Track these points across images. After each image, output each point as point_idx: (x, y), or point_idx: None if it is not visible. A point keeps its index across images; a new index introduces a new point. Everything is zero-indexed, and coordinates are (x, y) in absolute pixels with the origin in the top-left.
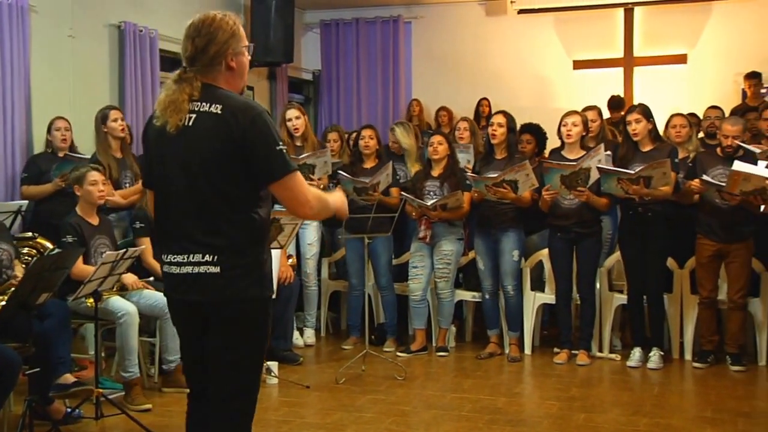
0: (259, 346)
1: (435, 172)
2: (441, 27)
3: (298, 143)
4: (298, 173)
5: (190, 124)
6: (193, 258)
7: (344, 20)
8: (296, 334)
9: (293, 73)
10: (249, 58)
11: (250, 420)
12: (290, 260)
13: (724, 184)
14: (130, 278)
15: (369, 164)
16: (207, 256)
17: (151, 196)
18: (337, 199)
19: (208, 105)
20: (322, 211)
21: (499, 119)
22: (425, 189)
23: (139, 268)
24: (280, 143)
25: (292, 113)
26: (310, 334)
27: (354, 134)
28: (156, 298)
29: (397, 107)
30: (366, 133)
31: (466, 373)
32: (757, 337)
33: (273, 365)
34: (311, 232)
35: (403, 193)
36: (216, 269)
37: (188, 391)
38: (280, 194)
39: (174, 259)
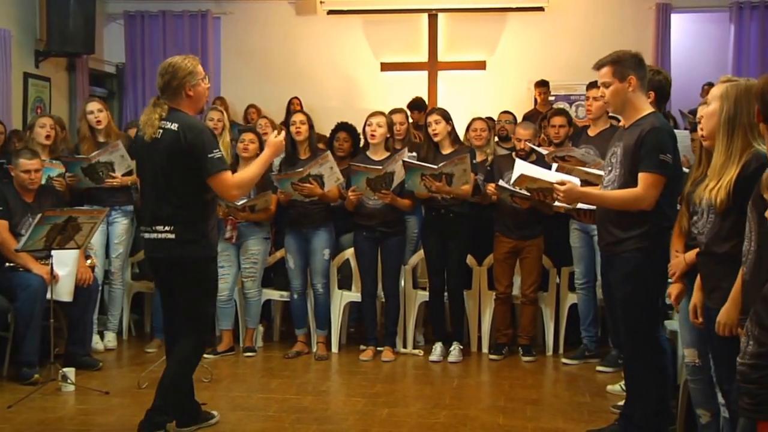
0: (206, 290)
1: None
2: (250, 24)
3: (101, 138)
4: (224, 173)
5: (159, 136)
6: (156, 228)
7: (150, 12)
8: (96, 338)
9: (95, 65)
10: (207, 85)
11: (203, 343)
12: (89, 261)
13: (515, 189)
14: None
15: None
16: (166, 227)
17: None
18: (262, 158)
19: (170, 123)
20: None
21: (300, 117)
22: None
23: None
24: (214, 151)
25: (93, 106)
26: (111, 338)
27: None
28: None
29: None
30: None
31: (273, 372)
32: (545, 329)
33: (70, 372)
34: (119, 230)
35: None
36: (172, 236)
37: None
38: (212, 186)
39: (147, 228)
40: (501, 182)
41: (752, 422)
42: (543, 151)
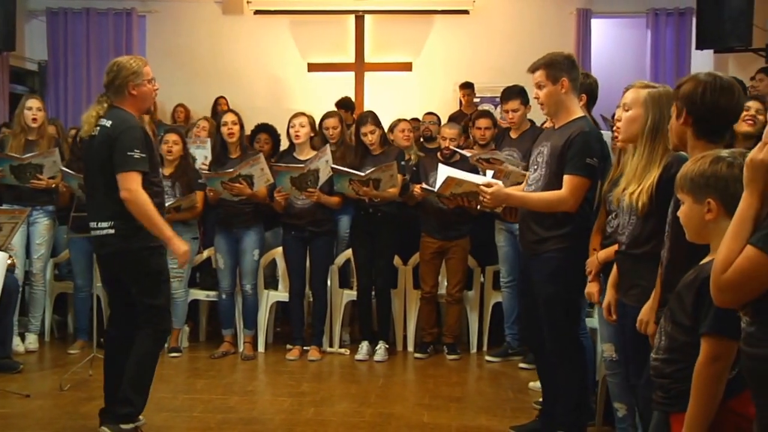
0: (154, 280)
1: (167, 171)
2: (177, 23)
3: (32, 137)
4: (137, 173)
5: (96, 133)
6: (100, 224)
7: (73, 9)
8: (17, 340)
9: (16, 62)
10: (154, 86)
11: (163, 332)
12: (9, 261)
13: (441, 194)
14: None
15: None
16: (106, 223)
17: None
18: (167, 234)
19: (106, 120)
20: (143, 214)
21: (232, 117)
22: None
23: None
24: (135, 151)
25: (33, 103)
26: (32, 340)
27: (72, 131)
28: None
29: None
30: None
31: (199, 373)
32: (470, 328)
33: None
34: (40, 230)
35: None
36: (112, 231)
37: None
38: (119, 181)
39: (91, 225)
40: (425, 185)
41: (665, 415)
42: (467, 153)
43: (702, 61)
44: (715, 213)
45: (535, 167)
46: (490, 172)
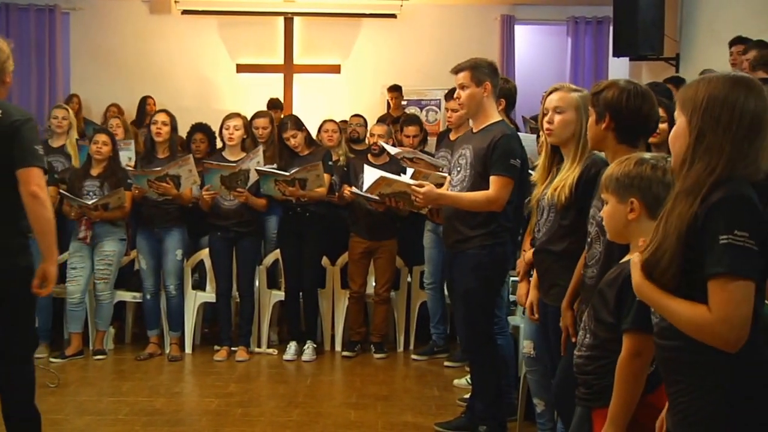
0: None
1: (94, 171)
2: (102, 21)
3: None
4: (40, 170)
5: None
6: None
7: None
8: None
9: None
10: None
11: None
12: None
13: (368, 195)
14: None
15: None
16: None
17: None
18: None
19: None
20: (44, 202)
21: (163, 118)
22: (84, 189)
23: None
24: (39, 146)
25: None
26: None
27: None
28: None
29: (54, 102)
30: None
31: (124, 375)
32: (396, 327)
33: None
34: None
35: (62, 192)
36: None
37: None
38: (20, 177)
39: None
40: (354, 189)
41: (588, 410)
42: (392, 149)
43: (618, 68)
44: (638, 213)
45: (458, 169)
46: (410, 171)
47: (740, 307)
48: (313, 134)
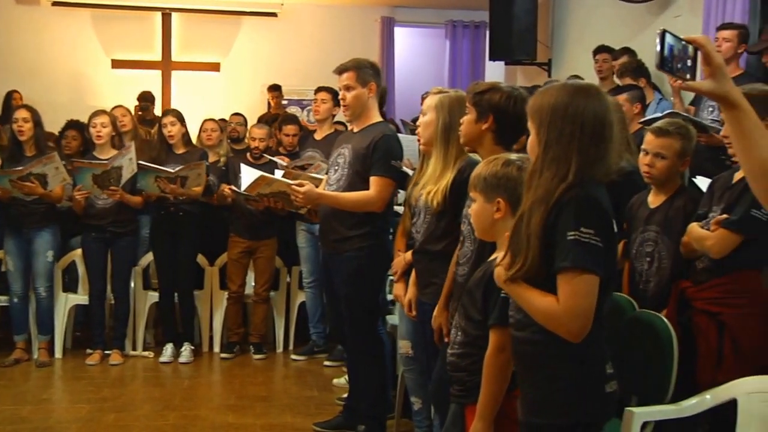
0: None
1: None
2: None
3: None
4: None
5: None
6: None
7: None
8: None
9: None
10: None
11: None
12: None
13: (248, 194)
14: None
15: None
16: None
17: None
18: None
19: None
20: None
21: (23, 114)
22: None
23: None
24: None
25: None
26: None
27: None
28: None
29: None
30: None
31: None
32: (276, 327)
33: None
34: None
35: None
36: None
37: None
38: None
39: None
40: (233, 187)
41: (461, 407)
42: (278, 160)
43: (495, 72)
44: (503, 212)
45: (336, 168)
46: (279, 172)
47: (584, 300)
48: (193, 132)
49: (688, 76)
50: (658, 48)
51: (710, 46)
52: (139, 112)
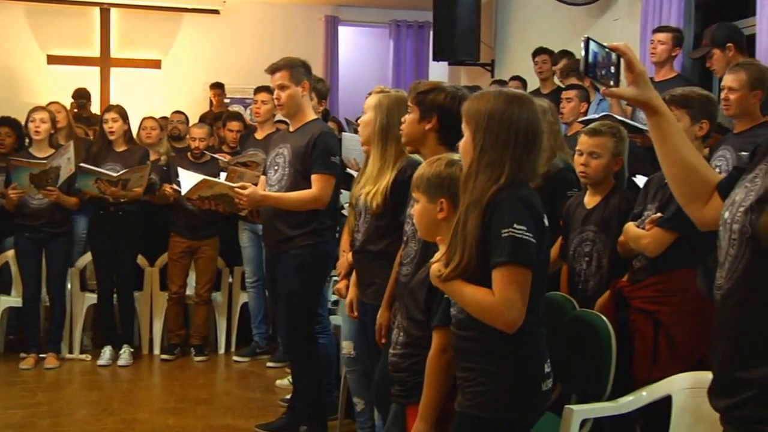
0: None
1: None
2: None
3: None
4: None
5: None
6: None
7: None
8: None
9: None
10: None
11: None
12: None
13: (191, 197)
14: None
15: None
16: None
17: None
18: None
19: None
20: None
21: None
22: None
23: None
24: None
25: None
26: None
27: None
28: None
29: None
30: None
31: None
32: (217, 328)
33: None
34: None
35: None
36: None
37: None
38: None
39: None
40: (175, 186)
41: (402, 407)
42: (219, 157)
43: (438, 72)
44: (446, 213)
45: (276, 168)
46: (223, 174)
47: (518, 291)
48: (134, 131)
49: (611, 83)
50: (583, 54)
51: (632, 54)
52: (75, 110)
